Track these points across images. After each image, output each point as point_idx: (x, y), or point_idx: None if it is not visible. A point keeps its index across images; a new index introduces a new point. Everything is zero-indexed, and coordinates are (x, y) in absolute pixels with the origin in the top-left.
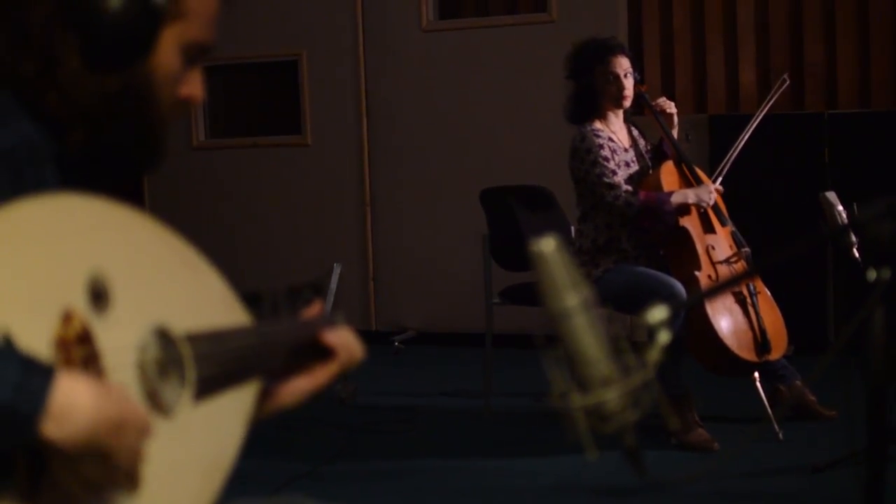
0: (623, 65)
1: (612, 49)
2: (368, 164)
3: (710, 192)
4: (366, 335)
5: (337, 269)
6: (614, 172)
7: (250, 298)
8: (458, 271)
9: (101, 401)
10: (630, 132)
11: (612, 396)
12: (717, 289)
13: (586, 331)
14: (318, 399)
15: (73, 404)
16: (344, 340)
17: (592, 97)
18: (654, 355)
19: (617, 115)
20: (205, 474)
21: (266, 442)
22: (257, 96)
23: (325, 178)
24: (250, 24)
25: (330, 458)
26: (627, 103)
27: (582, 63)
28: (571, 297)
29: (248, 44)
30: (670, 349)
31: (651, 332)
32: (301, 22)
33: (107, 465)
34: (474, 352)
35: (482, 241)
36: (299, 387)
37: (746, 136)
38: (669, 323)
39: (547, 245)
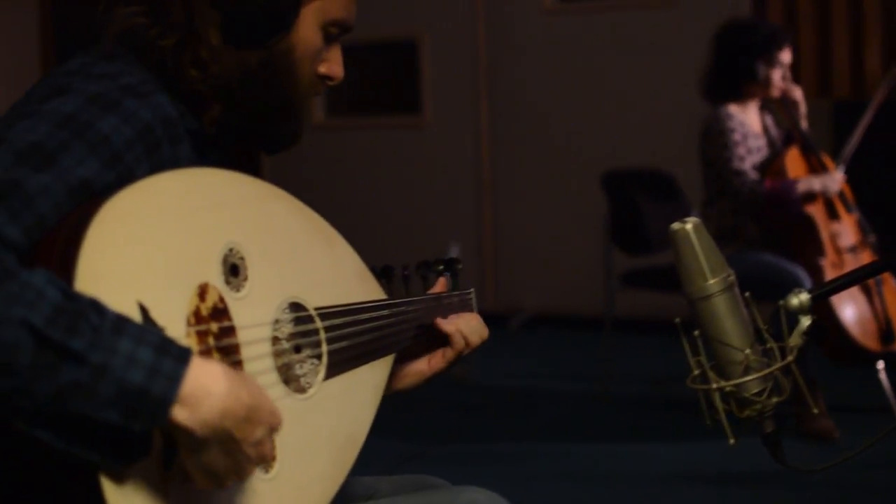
0: (789, 55)
1: (786, 37)
2: (488, 145)
3: (836, 180)
4: (481, 316)
5: (454, 247)
6: (742, 159)
7: (381, 273)
8: (577, 254)
9: (236, 389)
10: (763, 119)
11: (752, 381)
12: (852, 280)
13: (727, 313)
14: (433, 380)
15: (206, 389)
16: (462, 326)
17: (737, 78)
18: (795, 340)
19: (755, 102)
20: (337, 451)
21: (379, 421)
22: (377, 76)
23: (444, 157)
24: (371, 5)
25: (443, 439)
26: (779, 94)
27: (753, 44)
28: (712, 278)
29: (368, 25)
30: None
31: (792, 316)
32: (421, 3)
33: (233, 456)
34: (591, 335)
35: (602, 223)
36: (416, 370)
37: (866, 123)
38: (809, 310)
39: (688, 224)
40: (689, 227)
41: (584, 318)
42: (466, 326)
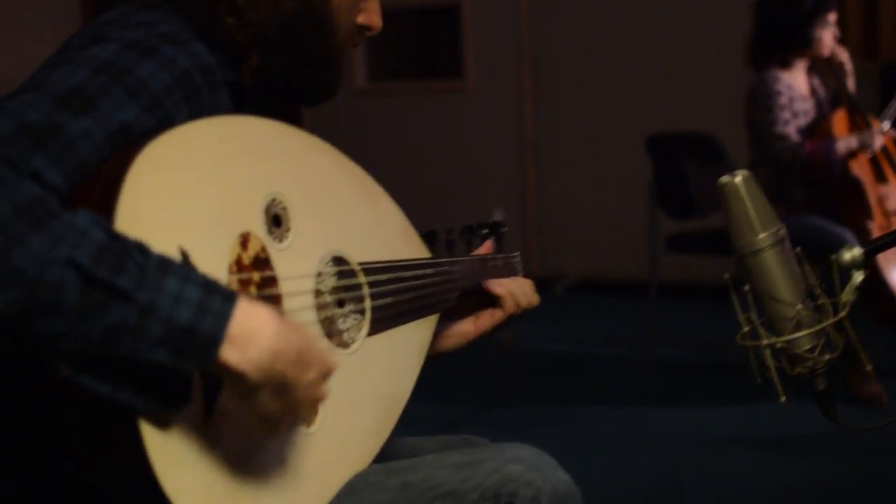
0: (836, 14)
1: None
2: (531, 109)
3: (875, 135)
4: None
5: (498, 213)
6: (786, 122)
7: (425, 237)
8: (621, 218)
9: (285, 331)
10: (810, 81)
11: (803, 337)
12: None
13: (778, 268)
14: (479, 345)
15: (255, 329)
16: (514, 288)
17: (786, 46)
18: (848, 296)
19: (803, 63)
20: (380, 408)
21: (425, 386)
22: (419, 41)
23: (487, 123)
24: None
25: (488, 404)
26: (828, 52)
27: (803, 11)
28: (762, 231)
29: None
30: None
31: (844, 272)
32: None
33: (284, 400)
34: (636, 300)
35: (647, 187)
36: (461, 330)
37: None
38: (862, 265)
39: (737, 176)
40: (738, 179)
41: (629, 282)
42: (518, 289)
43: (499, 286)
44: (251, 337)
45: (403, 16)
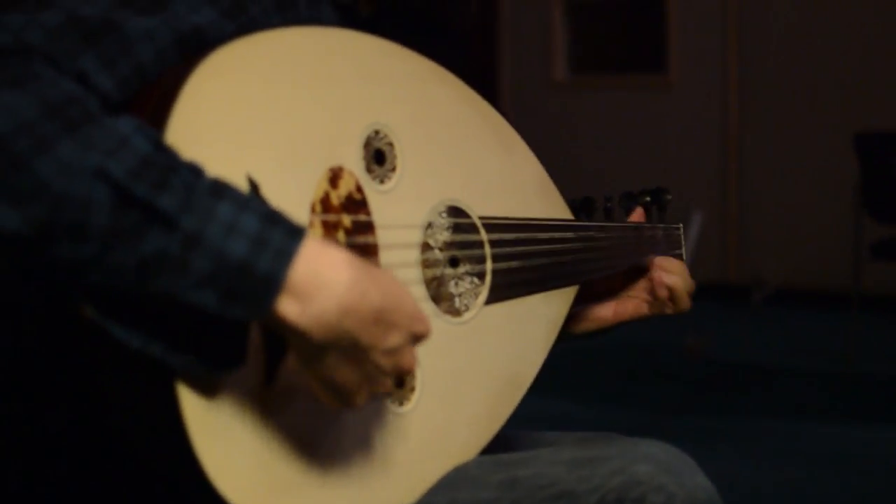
0: None
1: None
2: (735, 106)
3: None
4: (721, 288)
5: (697, 216)
6: None
7: (581, 206)
8: (825, 223)
9: (362, 283)
10: None
11: None
12: None
13: None
14: (663, 350)
15: (324, 275)
16: (679, 287)
17: None
18: None
19: None
20: (495, 391)
21: (606, 391)
22: (622, 34)
23: (689, 118)
24: None
25: (669, 413)
26: None
27: None
28: None
29: None
30: None
31: None
32: None
33: (356, 367)
34: (837, 312)
35: (853, 189)
36: (597, 315)
37: None
38: None
39: None
40: None
41: (831, 292)
42: (684, 286)
43: (666, 277)
44: (317, 286)
45: (607, 7)
